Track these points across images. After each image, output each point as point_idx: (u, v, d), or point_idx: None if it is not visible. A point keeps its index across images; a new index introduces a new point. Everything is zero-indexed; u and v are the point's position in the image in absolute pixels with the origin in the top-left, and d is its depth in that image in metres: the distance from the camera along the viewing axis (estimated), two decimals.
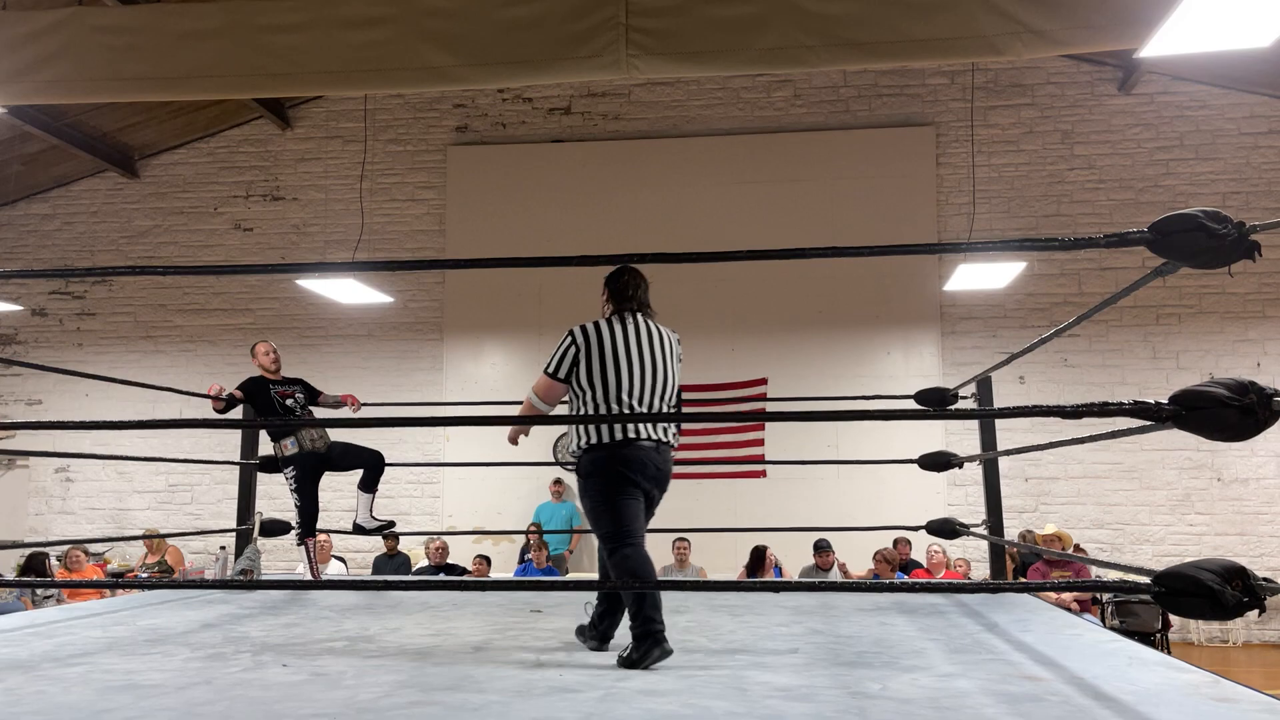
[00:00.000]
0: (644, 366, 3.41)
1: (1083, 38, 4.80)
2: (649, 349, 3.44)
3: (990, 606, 4.29)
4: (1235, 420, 2.12)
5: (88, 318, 11.95)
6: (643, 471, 3.38)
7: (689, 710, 2.46)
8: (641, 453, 3.36)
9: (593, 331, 3.42)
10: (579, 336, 3.42)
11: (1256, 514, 9.99)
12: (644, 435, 3.36)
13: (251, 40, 5.24)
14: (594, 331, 3.42)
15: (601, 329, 3.43)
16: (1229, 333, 10.23)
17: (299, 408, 5.43)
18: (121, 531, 11.05)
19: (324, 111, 11.78)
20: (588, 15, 4.97)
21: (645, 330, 3.46)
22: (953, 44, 4.85)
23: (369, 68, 5.21)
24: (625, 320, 3.47)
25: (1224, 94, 10.44)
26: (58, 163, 11.62)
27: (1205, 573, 2.15)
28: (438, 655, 3.27)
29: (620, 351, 3.40)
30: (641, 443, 3.36)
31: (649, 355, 3.43)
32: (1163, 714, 2.36)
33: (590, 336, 3.41)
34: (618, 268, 3.53)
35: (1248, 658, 9.47)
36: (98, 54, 5.32)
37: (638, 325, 3.47)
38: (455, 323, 11.26)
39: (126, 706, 2.49)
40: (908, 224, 10.41)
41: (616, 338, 3.41)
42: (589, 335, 3.42)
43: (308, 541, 5.42)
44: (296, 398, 5.46)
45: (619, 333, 3.43)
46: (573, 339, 3.42)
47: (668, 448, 3.46)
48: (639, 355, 3.41)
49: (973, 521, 5.25)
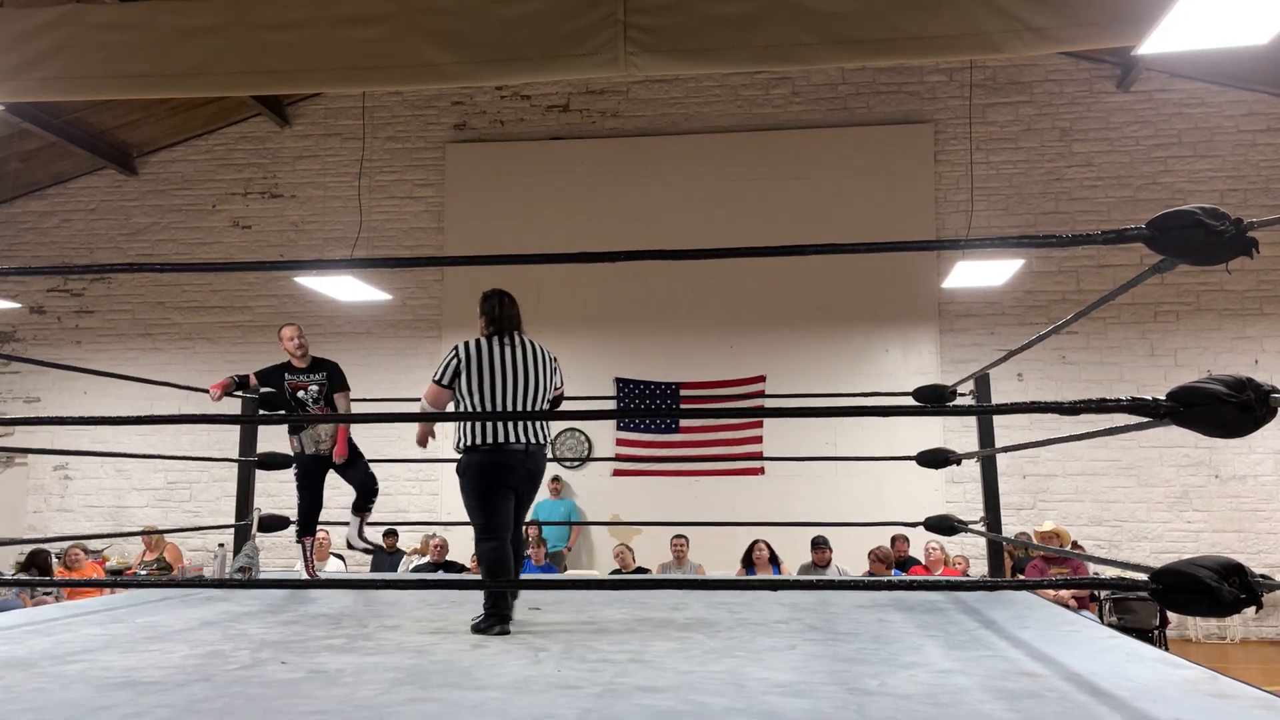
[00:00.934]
0: (517, 377, 3.91)
1: (1081, 35, 4.80)
2: (522, 362, 3.95)
3: (988, 603, 4.29)
4: (1233, 417, 2.12)
5: (86, 315, 11.94)
6: (511, 474, 3.87)
7: (687, 706, 2.46)
8: (511, 457, 3.85)
9: (473, 347, 3.93)
10: (461, 351, 3.93)
11: (1254, 511, 10.00)
12: (514, 439, 3.84)
13: (250, 37, 5.24)
14: (474, 347, 3.93)
15: (481, 345, 3.94)
16: (1227, 330, 10.24)
17: (310, 402, 5.37)
18: (120, 529, 11.05)
19: (322, 109, 11.78)
20: (586, 13, 4.96)
21: (519, 346, 3.98)
22: (951, 41, 4.85)
23: (367, 65, 5.20)
24: (501, 338, 3.98)
25: (1222, 91, 10.44)
26: (56, 160, 11.61)
27: (1202, 570, 2.16)
28: (436, 652, 3.27)
29: (496, 365, 3.90)
30: (511, 447, 3.84)
31: (522, 367, 3.94)
32: (1160, 710, 2.36)
33: (470, 351, 3.92)
34: (490, 292, 4.08)
35: (1245, 654, 9.48)
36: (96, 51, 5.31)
37: (512, 342, 3.98)
38: (454, 320, 11.25)
39: (125, 703, 2.49)
40: (906, 221, 10.41)
41: (494, 353, 3.93)
42: (469, 350, 3.93)
43: (304, 540, 5.42)
44: (309, 390, 5.37)
45: (495, 349, 3.94)
46: (455, 353, 3.93)
47: (539, 448, 3.95)
48: (513, 368, 3.92)
49: (971, 518, 5.25)
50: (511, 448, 3.84)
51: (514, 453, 3.85)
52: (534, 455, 3.93)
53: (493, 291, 4.08)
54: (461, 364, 3.91)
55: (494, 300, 4.06)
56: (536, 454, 3.95)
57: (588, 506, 10.73)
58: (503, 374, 3.90)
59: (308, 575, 5.47)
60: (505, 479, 3.87)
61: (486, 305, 4.07)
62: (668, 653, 3.21)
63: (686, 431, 10.59)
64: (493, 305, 4.04)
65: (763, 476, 10.18)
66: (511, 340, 3.99)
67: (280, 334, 5.48)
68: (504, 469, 3.85)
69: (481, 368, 3.89)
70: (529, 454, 3.90)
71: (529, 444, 3.89)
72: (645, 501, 10.20)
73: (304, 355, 5.44)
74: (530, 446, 3.90)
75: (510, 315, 4.04)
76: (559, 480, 10.72)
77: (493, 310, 4.04)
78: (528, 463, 3.91)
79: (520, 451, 3.86)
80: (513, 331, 4.02)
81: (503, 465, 3.85)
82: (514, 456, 3.86)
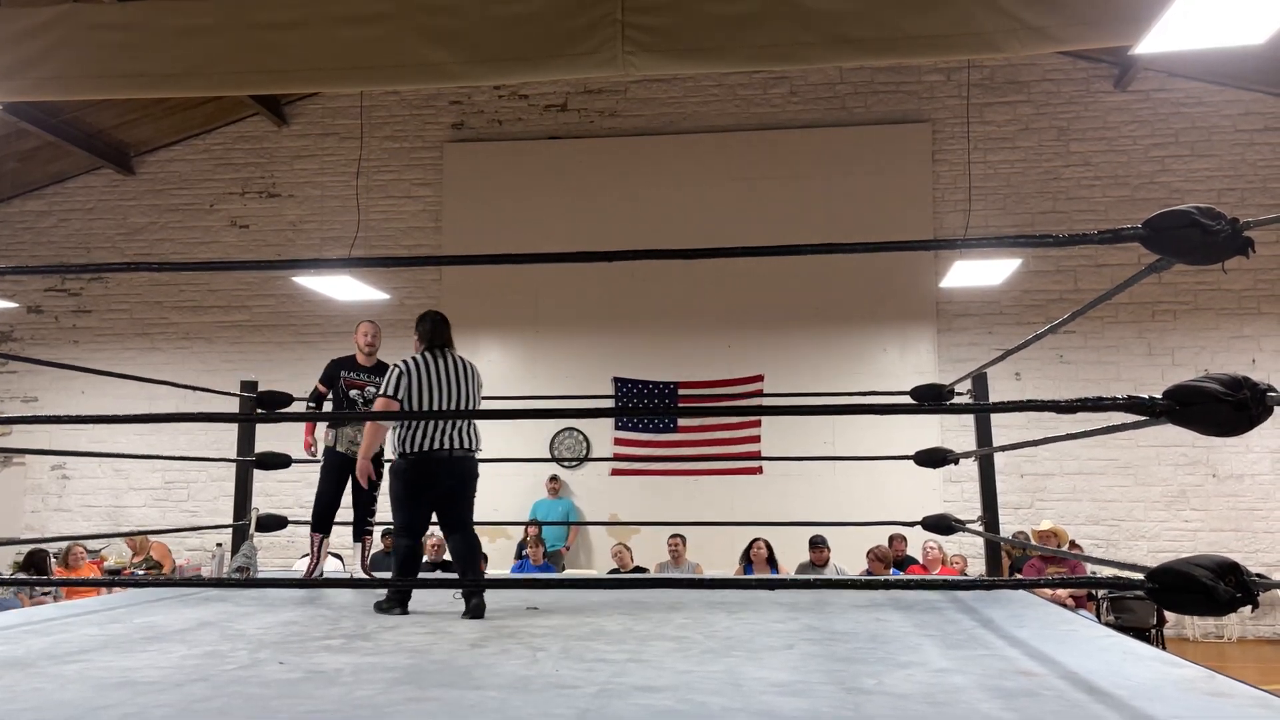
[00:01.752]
0: (451, 390, 4.39)
1: (1079, 34, 4.79)
2: (455, 376, 4.42)
3: (986, 602, 4.30)
4: (1229, 415, 2.12)
5: (84, 315, 11.94)
6: (436, 479, 4.34)
7: (685, 705, 2.46)
8: (437, 465, 4.31)
9: (414, 364, 4.39)
10: (405, 367, 4.38)
11: (1251, 510, 10.01)
12: (442, 446, 4.30)
13: (248, 37, 5.23)
14: (415, 364, 4.39)
15: (420, 362, 4.40)
16: (1224, 329, 10.25)
17: (363, 403, 5.41)
18: (118, 529, 11.04)
19: (320, 108, 11.77)
20: (584, 12, 4.96)
21: (451, 362, 4.45)
22: (950, 40, 4.85)
23: (366, 64, 5.19)
24: (435, 355, 4.44)
25: (1219, 91, 10.45)
26: (53, 159, 11.61)
27: (1199, 569, 2.16)
28: (434, 652, 3.27)
29: (433, 379, 4.37)
30: (438, 454, 4.30)
31: (455, 381, 4.41)
32: (1157, 709, 2.36)
33: (412, 367, 4.38)
34: (424, 314, 4.60)
35: (1242, 653, 9.49)
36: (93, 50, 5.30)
37: (445, 359, 4.45)
38: (452, 320, 11.10)
39: (123, 703, 2.49)
40: (904, 221, 10.42)
41: (431, 368, 4.39)
42: (411, 366, 4.38)
43: (314, 536, 5.42)
44: (366, 391, 5.42)
45: (432, 365, 4.40)
46: (400, 368, 4.38)
47: (466, 452, 4.39)
48: (448, 382, 4.39)
49: (969, 518, 5.26)
50: (436, 455, 4.31)
51: (438, 460, 4.31)
52: (460, 459, 4.38)
53: (427, 313, 4.62)
54: (405, 378, 4.36)
55: (428, 321, 4.56)
56: (465, 458, 4.40)
57: (586, 506, 10.73)
58: (438, 387, 4.37)
59: (309, 570, 5.47)
60: (427, 486, 4.35)
61: (422, 326, 4.57)
62: (665, 652, 3.21)
63: (685, 431, 10.60)
64: (427, 326, 4.54)
65: (761, 476, 10.18)
66: (445, 357, 4.46)
67: (357, 328, 5.55)
68: (427, 476, 4.34)
69: (420, 382, 4.36)
70: (453, 458, 4.34)
71: (453, 450, 4.34)
72: (643, 501, 10.20)
73: (371, 354, 5.49)
74: (456, 452, 4.35)
75: (442, 334, 4.53)
76: (557, 480, 10.72)
77: (430, 331, 4.52)
78: (453, 466, 4.36)
79: (444, 459, 4.32)
80: (444, 348, 4.50)
81: (425, 474, 4.33)
82: (438, 465, 4.32)
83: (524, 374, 11.03)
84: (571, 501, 10.74)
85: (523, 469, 10.53)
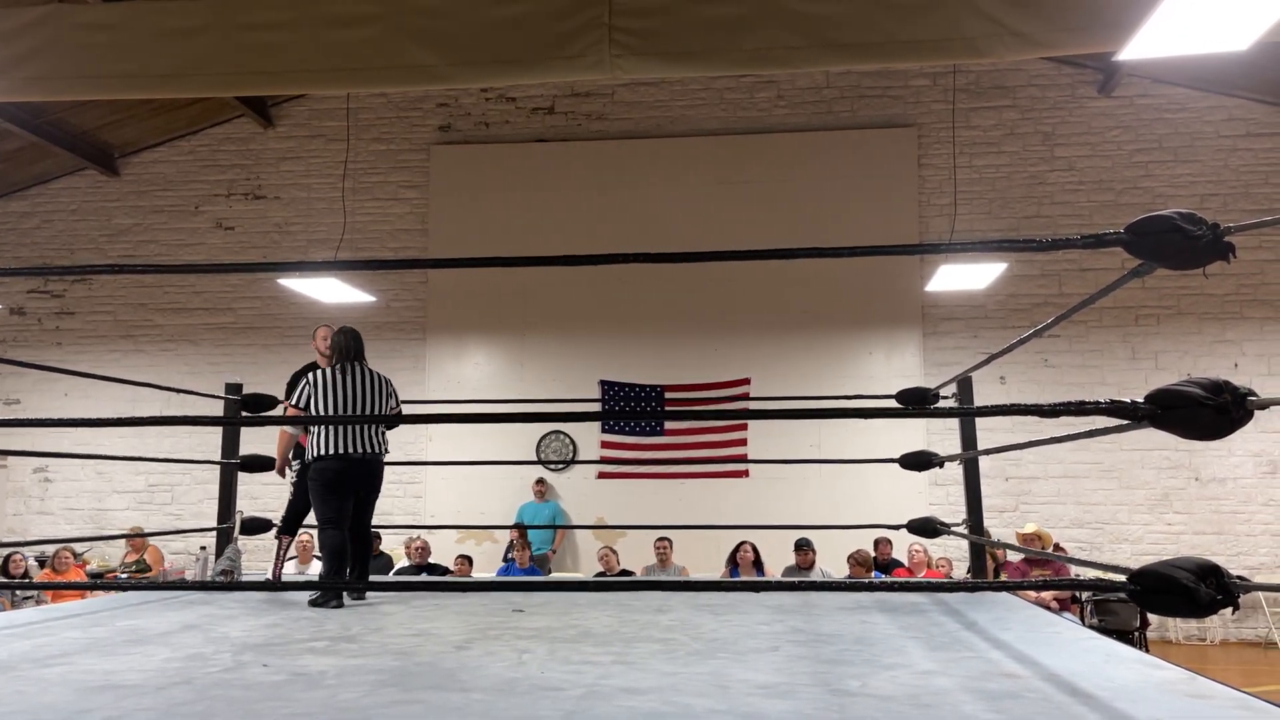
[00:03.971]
0: (359, 399, 4.76)
1: (1064, 40, 4.83)
2: (364, 387, 4.79)
3: (970, 605, 4.31)
4: (1210, 419, 2.14)
5: (67, 317, 11.87)
6: (347, 479, 4.70)
7: (670, 708, 2.47)
8: (348, 465, 4.68)
9: (323, 377, 4.77)
10: (313, 379, 4.78)
11: (1234, 513, 10.08)
12: (352, 450, 4.67)
13: (234, 38, 5.21)
14: (323, 376, 4.77)
15: (328, 375, 4.77)
16: (1207, 333, 10.32)
17: None
18: (101, 532, 10.97)
19: (306, 110, 11.74)
20: (572, 15, 4.96)
21: (361, 374, 4.81)
22: (936, 45, 4.87)
23: (353, 66, 5.18)
24: (345, 368, 4.80)
25: (1202, 97, 10.53)
26: (37, 160, 11.53)
27: (1180, 571, 2.17)
28: (420, 654, 3.27)
29: (342, 390, 4.74)
30: (350, 455, 4.67)
31: (362, 391, 4.78)
32: (1138, 710, 2.38)
33: (319, 380, 4.76)
34: (338, 330, 4.93)
35: (1225, 656, 9.55)
36: (78, 51, 5.28)
37: (355, 370, 4.80)
38: (438, 322, 11.24)
39: (106, 706, 2.48)
40: (890, 225, 10.46)
41: (339, 381, 4.76)
42: (318, 379, 4.76)
43: (282, 538, 5.38)
44: None
45: (340, 377, 4.77)
46: (308, 381, 4.77)
47: (375, 456, 4.79)
48: (354, 392, 4.76)
49: (954, 521, 5.27)
50: (352, 456, 4.68)
51: (354, 460, 4.69)
52: (370, 462, 4.78)
53: (340, 329, 4.95)
54: (313, 390, 4.74)
55: (338, 337, 4.89)
56: (373, 461, 4.80)
57: (572, 509, 10.72)
58: (348, 397, 4.74)
59: (271, 576, 5.45)
60: (346, 482, 4.72)
61: (332, 341, 4.93)
62: (651, 654, 3.21)
63: (671, 434, 10.60)
64: (338, 341, 4.88)
65: (747, 479, 10.20)
66: (354, 369, 4.81)
67: (315, 333, 5.53)
68: (345, 474, 4.70)
69: (329, 393, 4.73)
70: (365, 460, 4.74)
71: (366, 453, 4.72)
72: (630, 504, 10.20)
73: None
74: (367, 455, 4.74)
75: (351, 348, 4.85)
76: (543, 483, 10.71)
77: (340, 345, 4.86)
78: (365, 468, 4.76)
79: (359, 460, 4.70)
80: (354, 361, 4.84)
81: (344, 471, 4.69)
82: (351, 465, 4.68)
83: (511, 377, 11.01)
84: (558, 504, 10.73)
85: (509, 472, 10.52)
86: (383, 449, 4.85)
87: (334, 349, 4.88)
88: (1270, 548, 10.00)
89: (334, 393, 4.74)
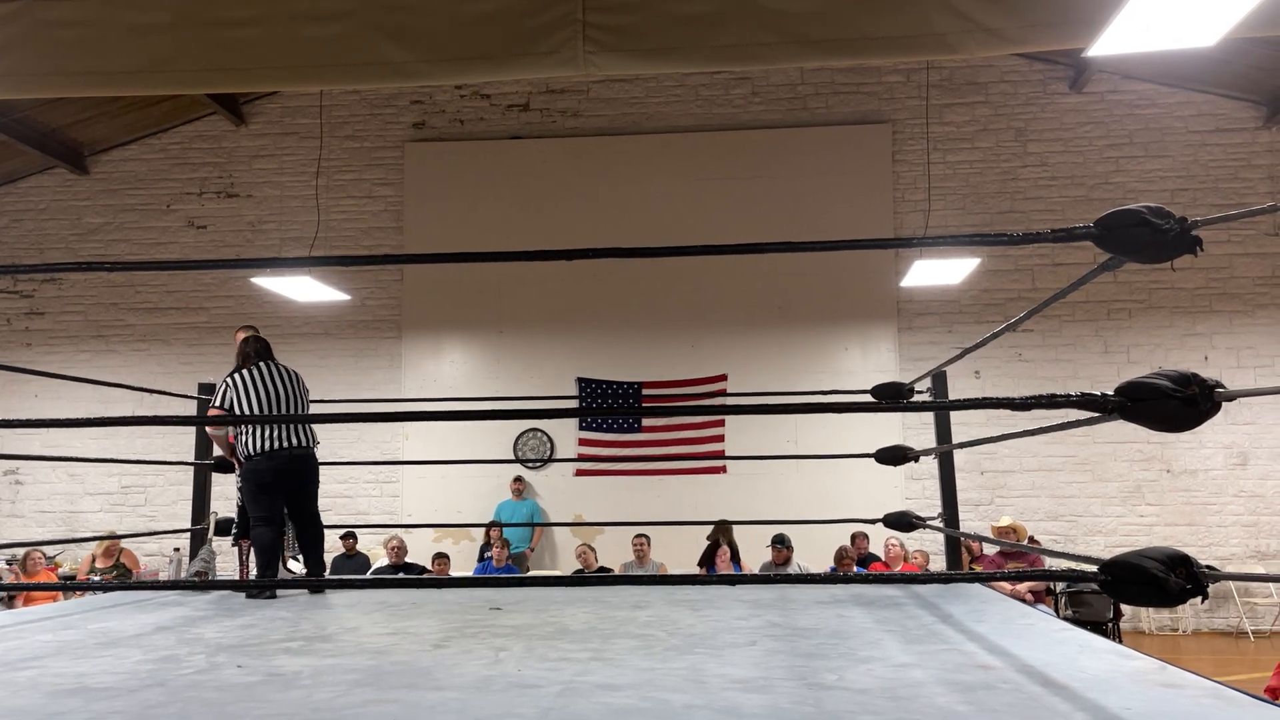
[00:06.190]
0: (279, 396, 4.94)
1: (1034, 36, 4.87)
2: (281, 384, 4.98)
3: (946, 598, 4.34)
4: (1178, 411, 2.16)
5: (37, 317, 11.72)
6: (280, 477, 4.86)
7: (647, 703, 2.47)
8: (278, 461, 4.84)
9: (239, 378, 4.93)
10: (231, 381, 4.94)
11: (1205, 505, 10.21)
12: (282, 446, 4.84)
13: (205, 34, 5.16)
14: (241, 378, 4.93)
15: (245, 375, 4.95)
16: (1178, 327, 10.44)
17: None
18: (73, 534, 10.86)
19: (279, 108, 11.65)
20: (545, 11, 4.95)
21: (276, 371, 5.00)
22: (908, 42, 4.90)
23: (326, 63, 5.14)
24: (261, 367, 4.98)
25: (1172, 93, 10.64)
26: (5, 159, 11.39)
27: (1149, 561, 2.20)
28: (395, 654, 3.25)
29: (261, 388, 4.92)
30: (279, 452, 4.84)
31: (281, 387, 4.97)
32: (1110, 700, 2.40)
33: (238, 381, 4.92)
34: (246, 337, 5.15)
35: (1197, 645, 9.67)
36: (47, 48, 5.21)
37: (269, 369, 4.99)
38: (414, 320, 11.19)
39: (77, 710, 2.45)
40: (864, 220, 10.51)
41: (257, 380, 4.94)
42: (236, 380, 4.92)
43: (241, 543, 5.29)
44: None
45: (257, 376, 4.95)
46: (226, 384, 4.94)
47: (304, 449, 4.96)
48: (273, 388, 4.94)
49: (930, 514, 5.31)
50: (279, 453, 4.84)
51: (282, 456, 4.85)
52: (300, 456, 4.93)
53: (249, 338, 5.15)
54: (232, 390, 4.90)
55: (244, 345, 5.10)
56: (304, 455, 4.96)
57: (550, 507, 10.71)
58: (267, 394, 4.90)
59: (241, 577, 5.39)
60: (277, 479, 4.87)
61: (241, 348, 5.10)
62: (629, 650, 3.21)
63: (649, 431, 10.61)
64: (246, 345, 5.08)
65: (725, 475, 10.22)
66: (267, 368, 4.99)
67: (235, 335, 5.44)
68: (274, 471, 4.86)
69: (249, 392, 4.89)
70: (294, 455, 4.89)
71: (294, 447, 4.89)
72: (608, 501, 10.20)
73: None
74: (296, 450, 4.90)
75: (260, 350, 5.05)
76: (521, 481, 10.70)
77: (247, 349, 5.05)
78: (295, 463, 4.90)
79: (286, 455, 4.85)
80: (266, 360, 5.01)
81: (273, 469, 4.85)
82: (280, 460, 4.84)
83: (487, 374, 10.99)
84: (536, 503, 10.72)
85: (486, 470, 10.50)
86: (310, 441, 5.01)
87: (242, 356, 5.06)
88: (1241, 538, 10.13)
89: (254, 391, 4.90)
